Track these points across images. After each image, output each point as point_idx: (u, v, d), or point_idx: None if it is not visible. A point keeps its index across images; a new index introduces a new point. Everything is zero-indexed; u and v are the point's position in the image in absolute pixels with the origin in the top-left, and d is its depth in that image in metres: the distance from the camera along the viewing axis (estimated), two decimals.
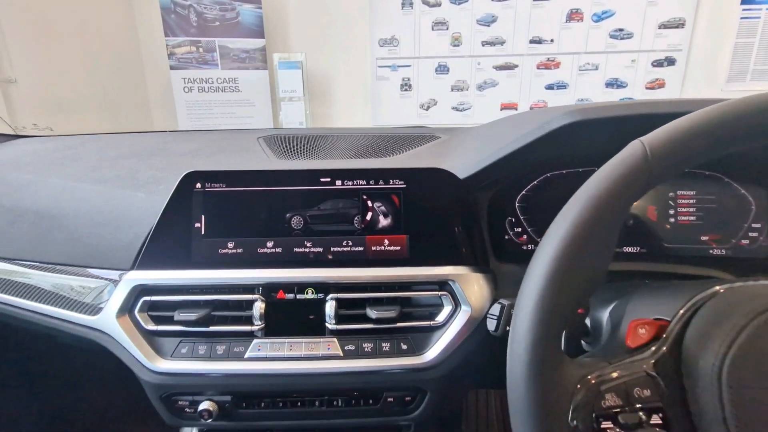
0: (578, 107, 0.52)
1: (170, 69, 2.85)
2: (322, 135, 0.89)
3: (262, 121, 2.97)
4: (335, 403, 0.58)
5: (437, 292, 0.59)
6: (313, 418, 0.59)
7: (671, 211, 0.64)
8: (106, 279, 0.61)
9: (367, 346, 0.57)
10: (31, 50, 2.40)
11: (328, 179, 0.61)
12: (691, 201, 0.63)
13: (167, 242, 0.59)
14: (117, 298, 0.58)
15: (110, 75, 2.82)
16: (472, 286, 0.58)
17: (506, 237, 0.66)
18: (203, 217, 0.60)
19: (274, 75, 2.92)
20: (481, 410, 1.24)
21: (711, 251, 0.63)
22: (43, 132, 1.55)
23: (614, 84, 2.83)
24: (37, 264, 0.64)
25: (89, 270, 0.62)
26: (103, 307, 0.60)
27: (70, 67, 2.62)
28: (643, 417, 0.34)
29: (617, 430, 0.33)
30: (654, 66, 2.78)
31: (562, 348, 0.35)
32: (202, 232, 0.60)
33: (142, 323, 0.58)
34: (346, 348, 0.57)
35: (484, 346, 0.57)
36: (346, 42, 2.97)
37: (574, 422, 0.33)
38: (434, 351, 0.57)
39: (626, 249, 0.64)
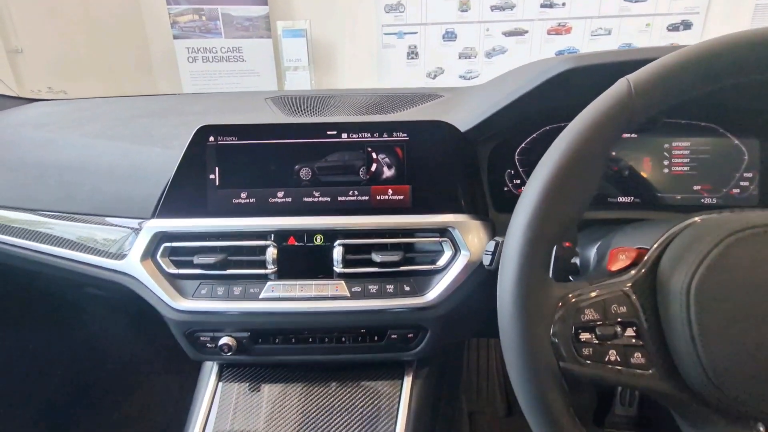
0: (575, 55, 0.54)
1: (174, 38, 2.83)
2: (329, 96, 0.91)
3: None
4: (343, 339, 0.63)
5: (438, 239, 0.62)
6: (322, 353, 0.64)
7: (665, 162, 0.66)
8: (128, 228, 0.65)
9: (373, 288, 0.61)
10: (36, 21, 2.40)
11: (335, 132, 0.63)
12: (685, 152, 0.65)
13: (184, 193, 0.63)
14: (140, 244, 0.63)
15: (115, 46, 2.81)
16: (471, 233, 0.61)
17: (505, 189, 0.69)
18: (217, 169, 0.63)
19: (278, 44, 2.89)
20: (482, 364, 1.30)
21: (702, 200, 0.65)
22: (58, 96, 1.58)
23: None
24: (65, 215, 0.68)
25: (113, 219, 0.66)
26: (127, 253, 0.64)
27: (75, 39, 2.62)
28: (619, 330, 0.38)
29: (594, 340, 0.37)
30: (669, 30, 2.70)
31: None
32: (217, 183, 0.63)
33: (164, 267, 0.63)
34: (352, 289, 0.61)
35: (481, 291, 0.61)
36: (351, 8, 2.91)
37: (555, 335, 0.37)
38: (435, 292, 0.61)
39: (621, 199, 0.67)
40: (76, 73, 2.60)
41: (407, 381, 0.66)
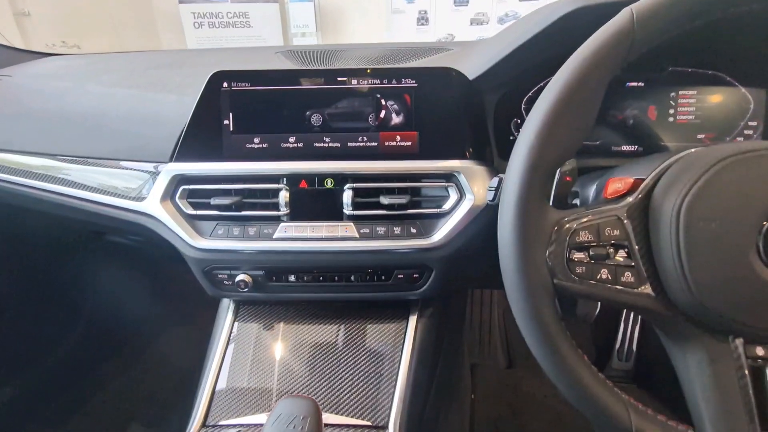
0: None
1: (179, 2, 2.79)
2: (339, 49, 0.92)
3: None
4: (352, 278, 0.67)
5: (444, 183, 0.65)
6: (332, 291, 0.68)
7: (671, 111, 0.66)
8: (146, 171, 0.69)
9: (380, 230, 0.64)
10: None
11: (345, 79, 0.65)
12: (691, 101, 0.66)
13: (200, 138, 0.66)
14: (159, 186, 0.66)
15: (120, 13, 2.79)
16: (476, 179, 0.64)
17: (510, 138, 0.70)
18: (231, 114, 0.65)
19: (285, 9, 2.84)
20: (485, 319, 1.35)
21: None
22: (71, 50, 1.59)
23: None
24: (87, 159, 0.72)
25: (132, 163, 0.69)
26: (146, 196, 0.68)
27: (80, 4, 2.60)
28: (611, 251, 0.40)
29: (587, 260, 0.40)
30: None
31: None
32: (231, 129, 0.66)
33: (183, 208, 0.66)
34: (361, 231, 0.64)
35: (484, 234, 0.64)
36: None
37: (550, 254, 0.40)
38: (440, 234, 0.64)
39: (625, 147, 0.68)
40: (82, 35, 2.59)
41: (412, 320, 0.70)
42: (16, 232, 1.00)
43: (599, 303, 1.39)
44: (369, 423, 0.60)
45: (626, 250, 0.40)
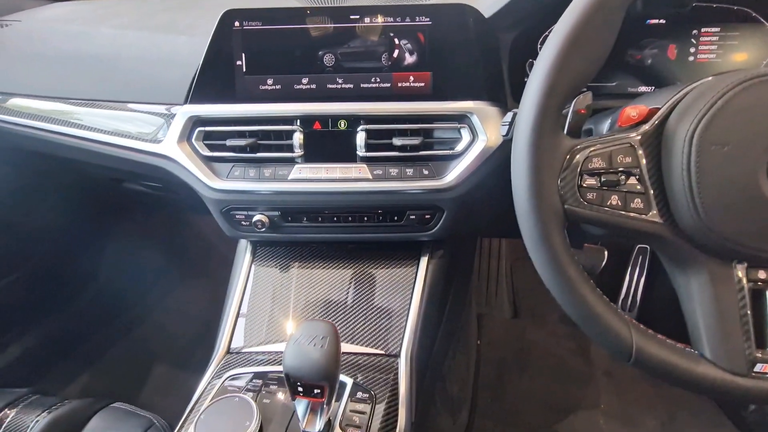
0: None
1: None
2: None
3: None
4: (365, 219, 0.69)
5: (457, 125, 0.65)
6: (346, 232, 0.70)
7: (691, 49, 0.65)
8: (161, 114, 0.69)
9: (393, 171, 0.65)
10: None
11: (357, 16, 0.64)
12: (714, 38, 0.64)
13: (213, 79, 0.66)
14: (175, 128, 0.67)
15: None
16: (489, 120, 0.64)
17: (525, 79, 0.69)
18: (243, 55, 0.65)
19: None
20: (492, 272, 1.38)
21: None
22: None
23: None
24: (102, 103, 0.73)
25: (146, 106, 0.70)
26: (163, 139, 0.69)
27: None
28: (622, 178, 0.41)
29: (598, 186, 0.41)
30: None
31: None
32: (244, 70, 0.66)
33: (199, 150, 0.67)
34: (374, 172, 0.66)
35: (495, 176, 0.65)
36: None
37: (562, 180, 0.41)
38: (452, 175, 0.65)
39: (642, 88, 0.67)
40: None
41: (423, 260, 0.72)
42: (36, 180, 1.03)
43: (605, 255, 1.41)
44: (382, 352, 0.63)
45: (637, 177, 0.41)
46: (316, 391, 0.47)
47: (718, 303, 0.41)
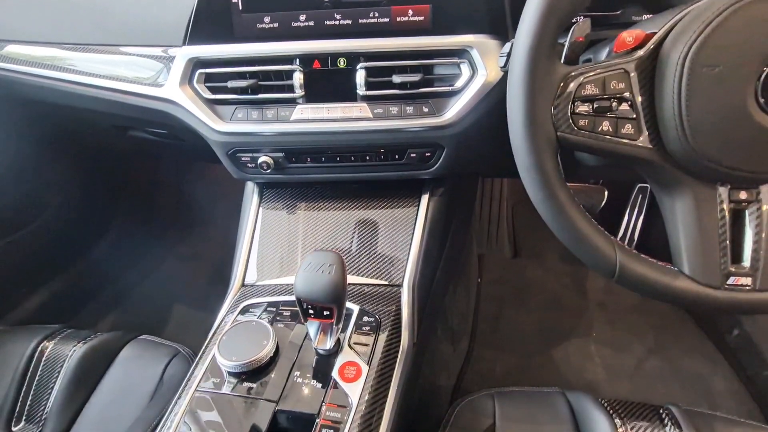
0: None
1: None
2: None
3: None
4: (367, 158, 0.70)
5: (457, 60, 0.65)
6: (348, 171, 0.72)
7: None
8: (157, 57, 0.70)
9: (394, 109, 0.66)
10: None
11: None
12: None
13: (210, 18, 0.65)
14: (176, 70, 0.68)
15: None
16: (489, 54, 0.63)
17: None
18: None
19: None
20: (493, 214, 1.42)
21: None
22: None
23: None
24: (99, 47, 0.72)
25: (142, 48, 0.70)
26: (164, 83, 0.69)
27: None
28: (614, 104, 0.42)
29: (590, 112, 0.42)
30: None
31: None
32: (240, 8, 0.65)
33: (201, 92, 0.68)
34: (375, 111, 0.66)
35: (495, 113, 0.65)
36: None
37: (556, 107, 0.42)
38: (452, 112, 0.65)
39: (646, 17, 0.66)
40: None
41: (424, 197, 0.75)
42: (46, 130, 1.04)
43: (605, 195, 1.44)
44: (386, 282, 0.68)
45: (629, 102, 0.42)
46: (325, 313, 0.52)
47: (700, 222, 0.43)
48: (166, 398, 0.69)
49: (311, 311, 0.52)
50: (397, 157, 0.70)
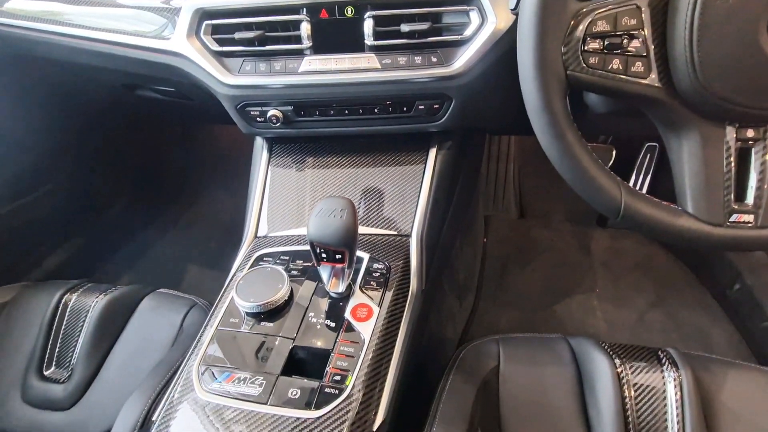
0: None
1: None
2: None
3: None
4: (375, 111, 0.71)
5: (466, 7, 0.64)
6: (357, 125, 0.73)
7: None
8: (162, 8, 0.69)
9: (402, 60, 0.66)
10: None
11: None
12: None
13: None
14: (183, 22, 0.67)
15: None
16: (499, 1, 0.62)
17: None
18: None
19: None
20: (500, 175, 1.42)
21: None
22: None
23: None
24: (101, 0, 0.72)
25: (148, 0, 0.69)
26: (171, 36, 0.69)
27: None
28: (625, 41, 0.42)
29: (601, 50, 0.42)
30: None
31: None
32: None
33: (209, 44, 0.68)
34: (383, 62, 0.66)
35: (504, 64, 0.65)
36: None
37: (566, 45, 0.42)
38: (461, 62, 0.65)
39: None
40: None
41: (432, 151, 0.75)
42: (53, 94, 1.05)
43: (613, 154, 1.43)
44: (395, 232, 0.70)
45: (640, 39, 0.42)
46: (337, 256, 0.54)
47: (706, 161, 0.44)
48: (187, 344, 0.72)
49: (324, 255, 0.54)
50: (405, 109, 0.70)
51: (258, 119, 0.73)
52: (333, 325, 0.56)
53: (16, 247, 1.03)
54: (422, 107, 0.70)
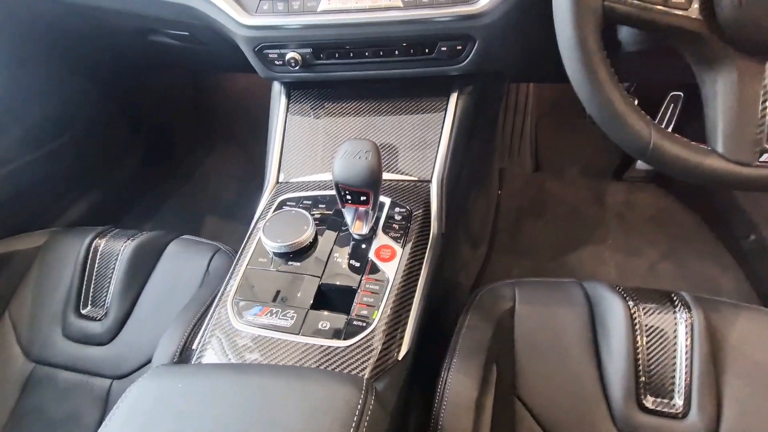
0: None
1: None
2: None
3: None
4: (396, 53, 0.69)
5: None
6: (377, 68, 0.71)
7: None
8: None
9: None
10: None
11: None
12: None
13: None
14: None
15: None
16: None
17: None
18: None
19: None
20: (516, 127, 1.40)
21: None
22: None
23: None
24: None
25: None
26: None
27: None
28: None
29: None
30: None
31: None
32: None
33: None
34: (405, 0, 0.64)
35: (529, 5, 0.62)
36: None
37: None
38: (485, 0, 0.62)
39: None
40: None
41: (453, 95, 0.74)
42: (64, 44, 1.03)
43: (635, 103, 1.38)
44: (416, 178, 0.70)
45: None
46: (362, 198, 0.55)
47: (740, 98, 0.43)
48: (214, 284, 0.76)
49: (348, 197, 0.56)
50: (427, 51, 0.68)
51: (276, 62, 0.72)
52: (357, 265, 0.58)
53: (43, 196, 1.05)
54: (444, 49, 0.68)
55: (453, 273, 1.00)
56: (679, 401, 0.58)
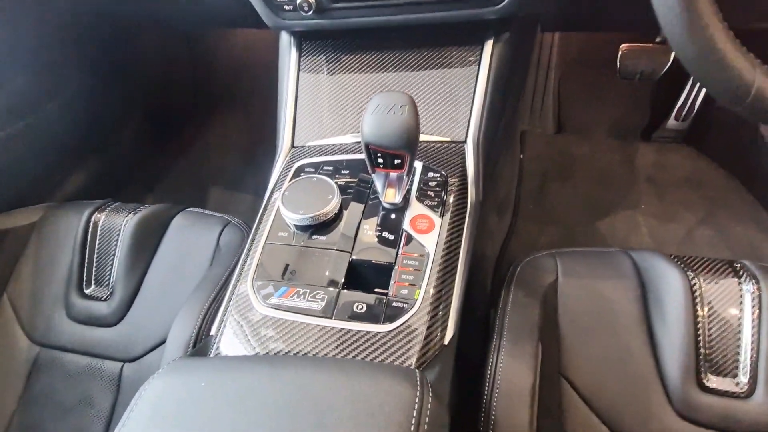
0: None
1: None
2: None
3: None
4: None
5: None
6: (403, 13, 0.62)
7: None
8: None
9: None
10: None
11: None
12: None
13: None
14: None
15: None
16: None
17: None
18: None
19: None
20: (539, 85, 1.29)
21: None
22: None
23: None
24: None
25: None
26: None
27: None
28: None
29: None
30: None
31: None
32: None
33: None
34: None
35: None
36: None
37: None
38: None
39: None
40: None
41: (488, 44, 0.65)
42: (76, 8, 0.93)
43: (671, 58, 1.28)
44: (449, 139, 0.62)
45: None
46: (396, 161, 0.48)
47: None
48: (227, 261, 0.70)
49: (380, 160, 0.48)
50: None
51: (286, 7, 0.62)
52: (391, 238, 0.51)
53: (35, 169, 0.98)
54: None
55: (479, 243, 0.94)
56: (743, 379, 0.53)
